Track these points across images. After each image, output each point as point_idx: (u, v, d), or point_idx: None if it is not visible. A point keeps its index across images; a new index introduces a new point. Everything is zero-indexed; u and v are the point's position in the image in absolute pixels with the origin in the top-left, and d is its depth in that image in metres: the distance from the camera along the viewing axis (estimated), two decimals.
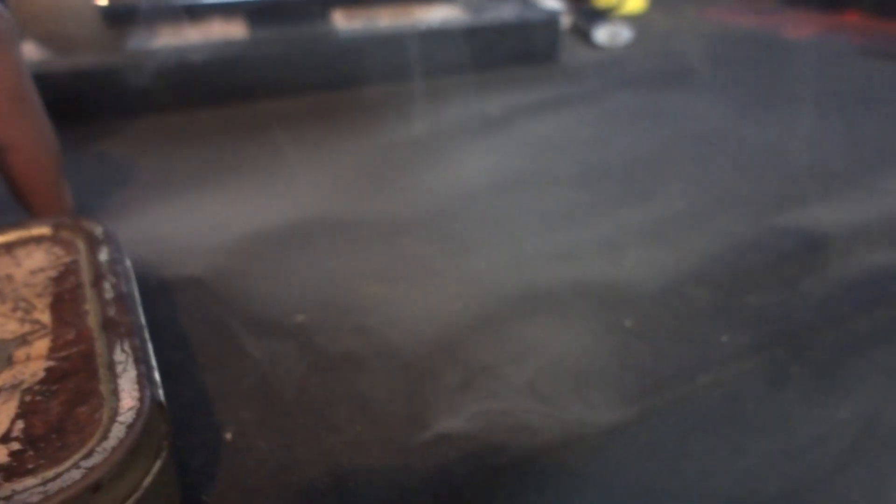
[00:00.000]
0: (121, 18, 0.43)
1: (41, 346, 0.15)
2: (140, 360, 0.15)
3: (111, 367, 0.14)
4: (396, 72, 0.42)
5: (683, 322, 0.21)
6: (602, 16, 0.52)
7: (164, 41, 0.41)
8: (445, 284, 0.23)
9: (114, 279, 0.17)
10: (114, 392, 0.14)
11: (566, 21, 0.54)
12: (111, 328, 0.16)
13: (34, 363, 0.15)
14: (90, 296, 0.17)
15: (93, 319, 0.16)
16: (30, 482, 0.12)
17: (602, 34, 0.50)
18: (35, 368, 0.15)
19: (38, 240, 0.20)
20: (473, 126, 0.36)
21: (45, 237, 0.20)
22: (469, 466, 0.16)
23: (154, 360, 0.16)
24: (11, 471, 0.12)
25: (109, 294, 0.17)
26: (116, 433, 0.13)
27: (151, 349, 0.16)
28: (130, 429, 0.13)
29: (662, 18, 0.58)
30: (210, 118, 0.38)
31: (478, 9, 0.46)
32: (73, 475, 0.12)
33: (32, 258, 0.19)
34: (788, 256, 0.24)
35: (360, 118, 0.37)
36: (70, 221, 0.20)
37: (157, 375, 0.15)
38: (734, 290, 0.23)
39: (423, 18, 0.44)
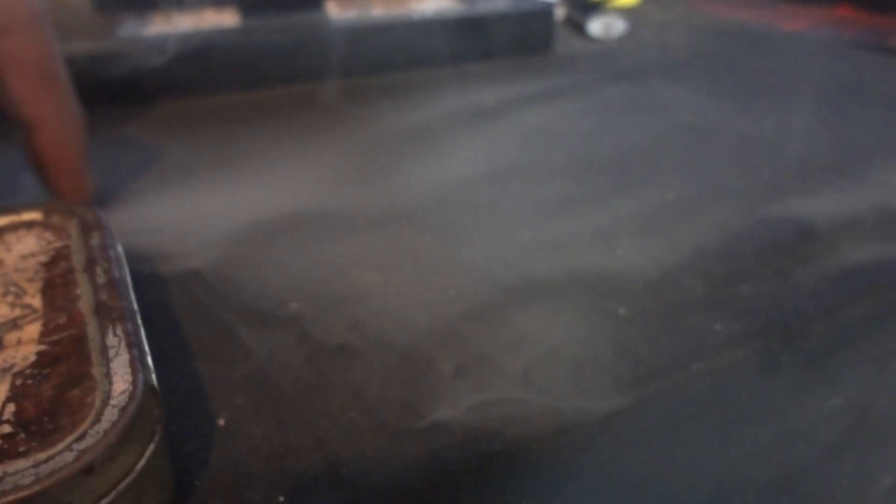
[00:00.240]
0: (112, 6, 0.42)
1: (32, 331, 0.15)
2: (132, 344, 0.15)
3: (103, 351, 0.14)
4: (390, 62, 0.41)
5: (677, 311, 0.21)
6: (596, 8, 0.52)
7: (156, 29, 0.40)
8: (439, 273, 0.23)
9: (105, 264, 0.17)
10: (106, 376, 0.14)
11: (560, 13, 0.53)
12: (103, 312, 0.16)
13: (25, 347, 0.15)
14: (82, 280, 0.17)
15: (84, 304, 0.16)
16: (21, 464, 0.12)
17: (596, 26, 0.50)
18: (26, 352, 0.14)
19: (29, 225, 0.20)
20: (467, 116, 0.36)
21: (36, 222, 0.20)
22: (463, 453, 0.16)
23: (147, 345, 0.16)
24: (3, 453, 0.12)
25: (101, 279, 0.17)
26: (109, 416, 0.13)
27: (144, 334, 0.16)
28: (123, 412, 0.13)
29: (656, 11, 0.58)
30: (200, 107, 0.37)
31: None
32: (66, 457, 0.12)
33: (23, 243, 0.19)
34: (781, 247, 0.24)
35: (354, 108, 0.37)
36: (61, 206, 0.20)
37: (150, 360, 0.15)
38: (727, 280, 0.23)
39: (417, 8, 0.43)
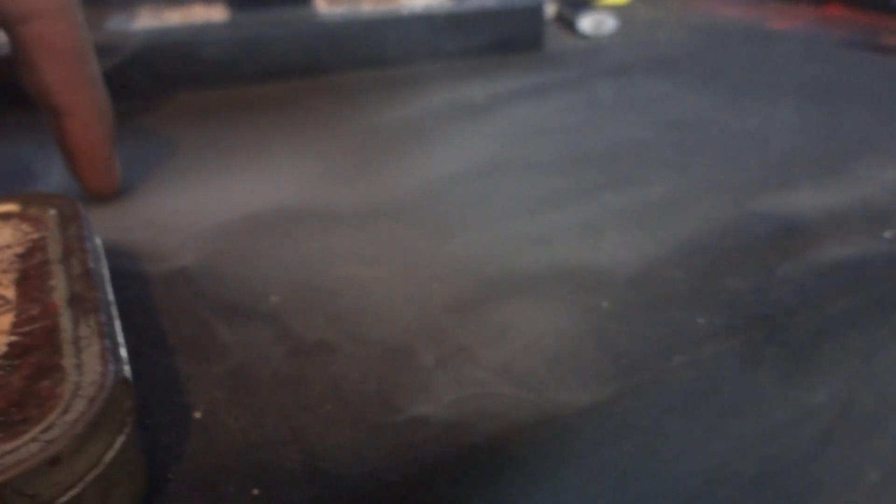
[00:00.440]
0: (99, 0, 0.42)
1: (4, 322, 0.15)
2: (104, 335, 0.14)
3: (75, 343, 0.14)
4: (379, 57, 0.41)
5: (660, 304, 0.21)
6: (587, 5, 0.52)
7: (144, 23, 0.40)
8: (423, 267, 0.23)
9: (81, 255, 0.17)
10: (77, 367, 0.14)
11: (551, 9, 0.53)
12: (77, 304, 0.15)
13: None
14: (57, 272, 0.17)
15: (59, 295, 0.16)
16: None
17: (586, 23, 0.50)
18: None
19: (6, 216, 0.19)
20: (456, 112, 0.36)
21: (13, 214, 0.19)
22: (441, 446, 0.16)
23: (121, 337, 0.16)
24: None
25: (76, 270, 0.17)
26: (77, 407, 0.12)
27: (119, 326, 0.16)
28: (92, 403, 0.13)
29: (647, 8, 0.58)
30: (188, 102, 0.37)
31: None
32: (31, 448, 0.12)
33: (0, 235, 0.18)
34: (766, 241, 0.24)
35: (342, 103, 0.37)
36: (39, 198, 0.20)
37: (124, 352, 0.15)
38: (712, 274, 0.23)
39: (406, 4, 0.43)
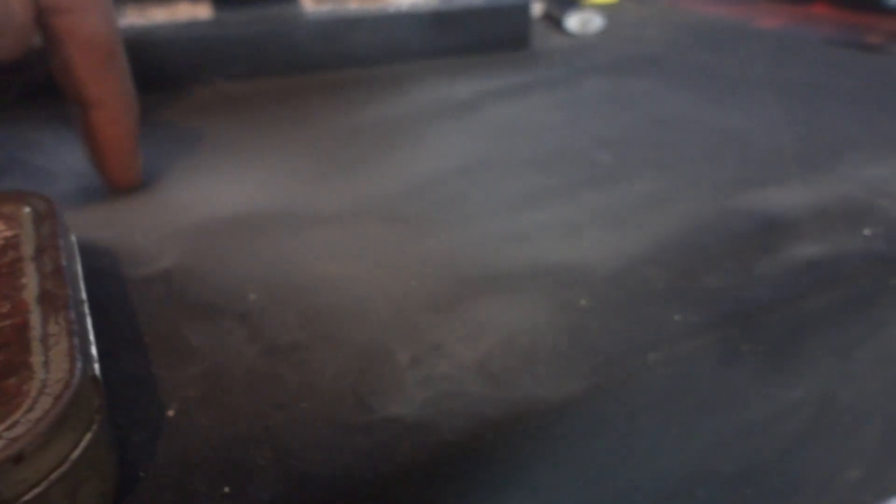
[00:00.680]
0: None
1: None
2: (73, 333, 0.14)
3: (44, 340, 0.14)
4: (364, 55, 0.41)
5: (637, 301, 0.21)
6: (574, 3, 0.52)
7: (129, 20, 0.40)
8: (401, 265, 0.23)
9: (54, 253, 0.17)
10: (44, 364, 0.13)
11: (538, 8, 0.53)
12: (47, 301, 0.15)
13: None
14: (29, 269, 0.17)
15: (30, 293, 0.16)
16: None
17: (574, 21, 0.50)
18: None
19: None
20: (440, 110, 0.36)
21: None
22: (414, 445, 0.16)
23: (92, 335, 0.16)
24: None
25: (48, 267, 0.16)
26: (42, 405, 0.12)
27: (90, 324, 0.16)
28: (57, 400, 0.13)
29: (635, 7, 0.58)
30: (171, 100, 0.37)
31: None
32: None
33: None
34: (745, 238, 0.24)
35: (325, 101, 0.37)
36: (14, 195, 0.20)
37: (94, 350, 0.15)
38: (690, 271, 0.23)
39: (392, 2, 0.43)
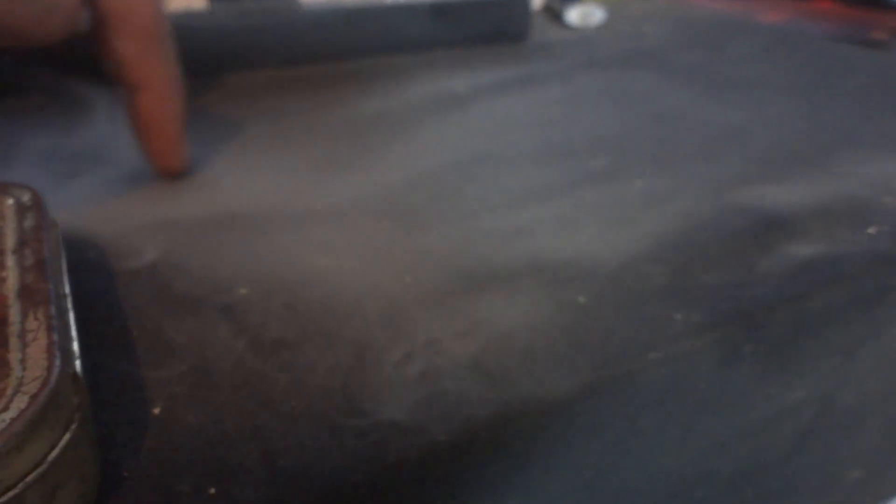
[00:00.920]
0: None
1: None
2: (52, 329, 0.14)
3: (22, 336, 0.14)
4: (361, 47, 0.41)
5: (637, 299, 0.21)
6: None
7: None
8: (395, 260, 0.22)
9: (36, 245, 0.17)
10: (21, 361, 0.13)
11: (538, 0, 0.53)
12: (27, 295, 0.15)
13: None
14: (10, 263, 0.16)
15: (9, 287, 0.15)
16: None
17: (574, 14, 0.49)
18: None
19: None
20: (437, 103, 0.35)
21: None
22: (406, 445, 0.16)
23: (74, 331, 0.15)
24: None
25: (29, 261, 0.16)
26: (18, 404, 0.12)
27: (73, 319, 0.16)
28: (33, 399, 0.12)
29: (636, 0, 0.57)
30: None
31: None
32: None
33: None
34: (746, 236, 0.24)
35: (321, 94, 0.36)
36: None
37: (76, 346, 0.15)
38: (690, 269, 0.22)
39: None
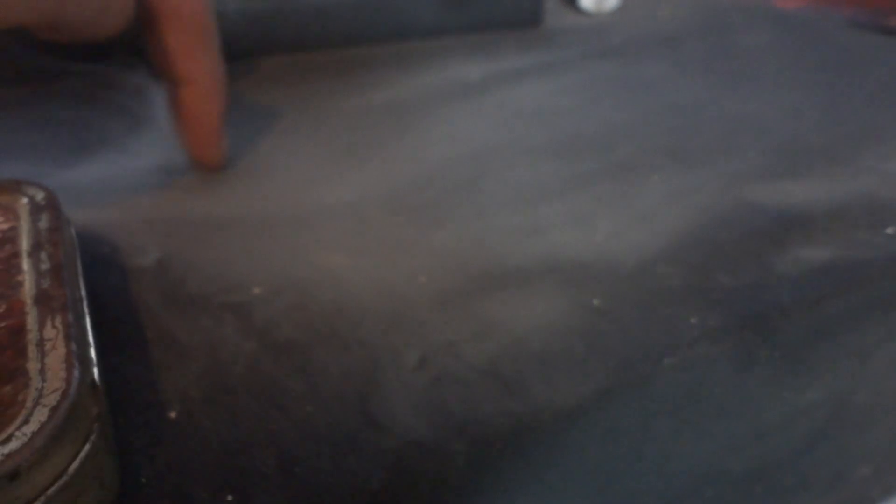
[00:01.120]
0: None
1: None
2: (70, 337, 0.14)
3: (40, 345, 0.14)
4: (370, 34, 0.40)
5: (653, 302, 0.20)
6: None
7: None
8: (409, 258, 0.22)
9: (51, 248, 0.16)
10: (40, 372, 0.13)
11: None
12: (44, 301, 0.15)
13: None
14: (26, 266, 0.16)
15: (26, 292, 0.15)
16: None
17: (588, 0, 0.49)
18: None
19: None
20: (449, 92, 0.35)
21: None
22: (421, 450, 0.16)
23: (91, 336, 0.15)
24: None
25: (45, 264, 0.16)
26: (38, 417, 0.12)
27: (90, 324, 0.16)
28: (54, 412, 0.12)
29: None
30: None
31: None
32: None
33: None
34: (764, 234, 0.24)
35: (330, 82, 0.36)
36: (10, 185, 0.19)
37: (93, 353, 0.15)
38: (707, 269, 0.22)
39: None
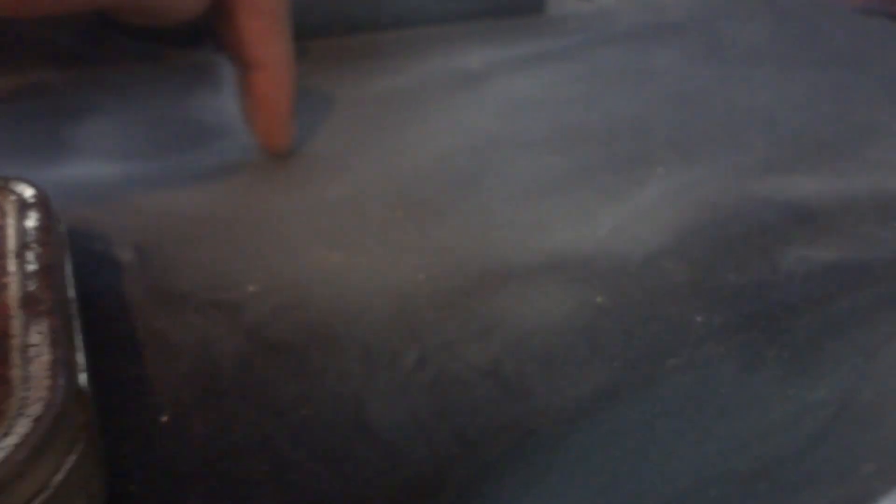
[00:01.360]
0: None
1: None
2: (57, 343, 0.13)
3: (24, 351, 0.13)
4: (369, 21, 0.39)
5: (657, 300, 0.20)
6: None
7: None
8: (408, 254, 0.22)
9: (39, 249, 0.16)
10: (24, 380, 0.13)
11: None
12: (30, 305, 0.14)
13: None
14: (12, 268, 0.16)
15: (11, 295, 0.15)
16: None
17: None
18: None
19: None
20: (450, 81, 0.34)
21: None
22: (420, 455, 0.15)
23: (80, 339, 0.15)
24: None
25: (33, 266, 0.15)
26: (21, 428, 0.12)
27: (79, 326, 0.15)
28: (37, 423, 0.12)
29: None
30: (154, 69, 0.35)
31: None
32: None
33: None
34: (772, 230, 0.23)
35: (328, 71, 0.35)
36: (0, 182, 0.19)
37: (82, 357, 0.14)
38: (713, 266, 0.21)
39: None
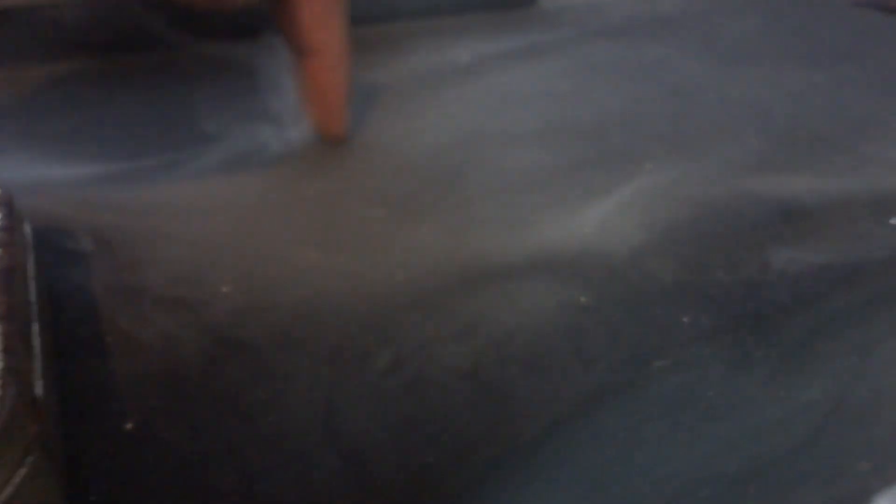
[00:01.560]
0: None
1: None
2: (9, 351, 0.13)
3: None
4: (360, 13, 0.39)
5: (643, 300, 0.19)
6: None
7: None
8: (387, 253, 0.21)
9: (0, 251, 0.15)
10: None
11: None
12: None
13: None
14: None
15: None
16: None
17: None
18: None
19: None
20: (440, 75, 0.34)
21: None
22: (391, 465, 0.15)
23: (38, 345, 0.14)
24: None
25: None
26: None
27: (37, 331, 0.15)
28: None
29: None
30: (145, 63, 0.35)
31: None
32: None
33: None
34: (763, 227, 0.23)
35: None
36: None
37: (39, 364, 0.14)
38: (700, 265, 0.21)
39: None
